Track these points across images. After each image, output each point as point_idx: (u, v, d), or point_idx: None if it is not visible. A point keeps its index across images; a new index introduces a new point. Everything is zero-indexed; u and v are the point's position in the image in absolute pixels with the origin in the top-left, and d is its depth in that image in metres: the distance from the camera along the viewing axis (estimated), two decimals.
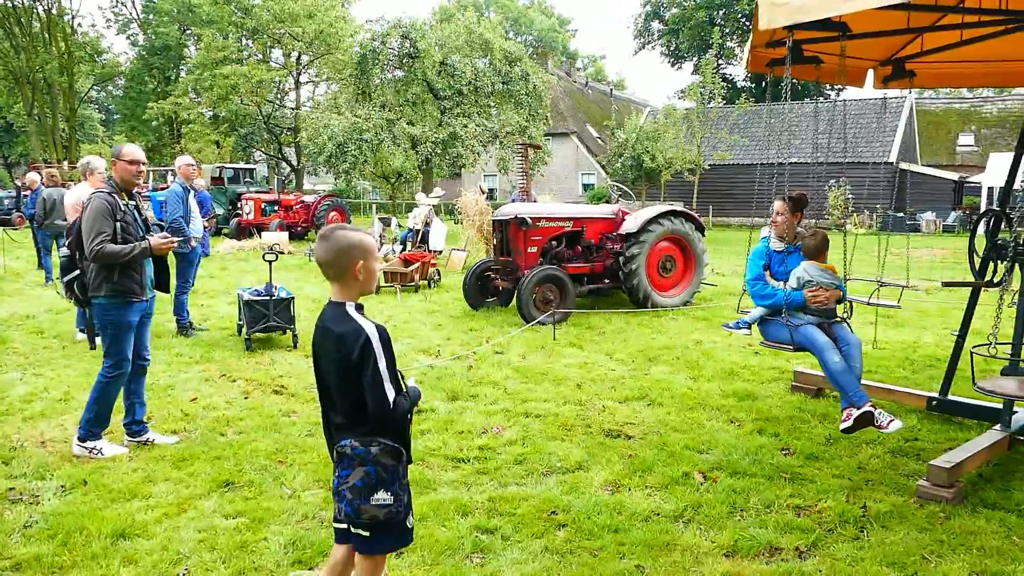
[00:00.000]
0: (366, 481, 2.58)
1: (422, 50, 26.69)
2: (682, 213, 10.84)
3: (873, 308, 6.99)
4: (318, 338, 2.70)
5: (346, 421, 2.64)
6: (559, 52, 68.46)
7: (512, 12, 71.79)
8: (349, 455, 2.61)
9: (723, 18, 51.73)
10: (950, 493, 4.08)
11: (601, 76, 74.65)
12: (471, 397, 6.20)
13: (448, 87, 28.02)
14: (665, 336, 8.66)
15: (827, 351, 4.71)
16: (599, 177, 42.74)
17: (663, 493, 4.29)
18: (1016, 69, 6.37)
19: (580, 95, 50.61)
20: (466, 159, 28.19)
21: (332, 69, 36.40)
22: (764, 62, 5.66)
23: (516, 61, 28.88)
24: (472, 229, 15.54)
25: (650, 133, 32.89)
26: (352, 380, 2.57)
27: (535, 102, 29.51)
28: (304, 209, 23.60)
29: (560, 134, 43.59)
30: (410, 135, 26.84)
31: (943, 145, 41.90)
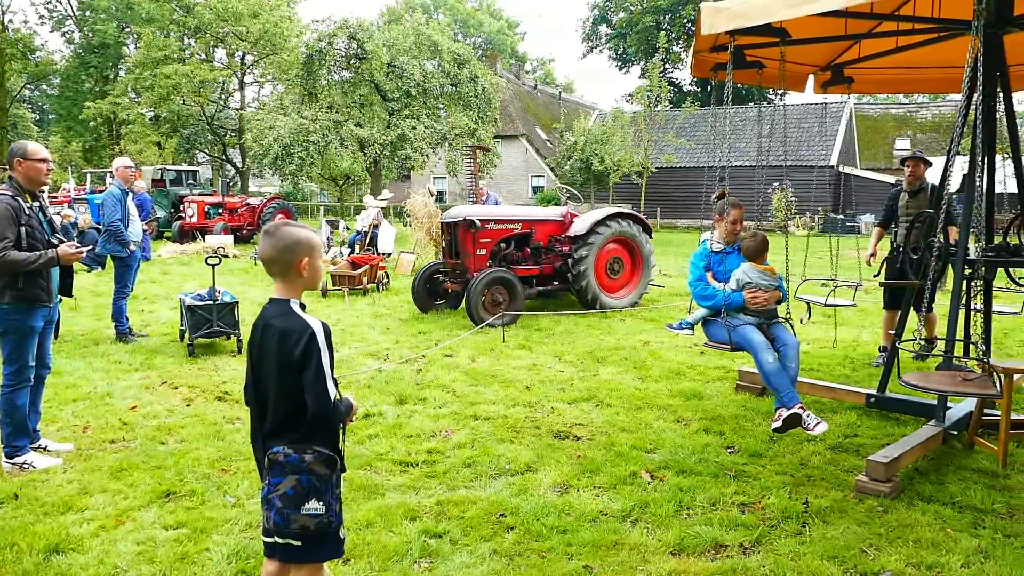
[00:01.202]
0: (298, 490, 2.50)
1: (369, 51, 26.47)
2: (629, 215, 10.95)
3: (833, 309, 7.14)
4: (257, 336, 2.61)
5: (279, 427, 2.56)
6: (508, 55, 68.60)
7: (461, 14, 71.71)
8: (281, 462, 2.51)
9: (669, 23, 52.52)
10: (887, 487, 4.19)
11: (550, 79, 75.03)
12: (420, 401, 6.16)
13: (396, 89, 27.85)
14: (613, 337, 8.73)
15: (762, 351, 4.81)
16: (548, 179, 42.94)
17: (611, 493, 4.31)
18: (948, 76, 6.60)
19: (529, 98, 50.78)
20: (415, 161, 28.04)
21: (278, 70, 35.82)
22: (708, 67, 5.76)
23: (465, 63, 28.85)
24: (421, 232, 15.46)
25: (598, 136, 33.20)
26: (292, 379, 2.50)
27: (484, 104, 29.52)
28: (249, 212, 23.19)
29: (509, 136, 43.67)
30: (358, 137, 26.59)
31: (881, 149, 43.18)
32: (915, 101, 46.81)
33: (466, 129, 28.28)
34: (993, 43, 4.88)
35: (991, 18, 4.69)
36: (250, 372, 2.64)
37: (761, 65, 5.63)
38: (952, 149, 5.13)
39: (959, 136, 4.97)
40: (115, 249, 8.24)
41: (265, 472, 2.57)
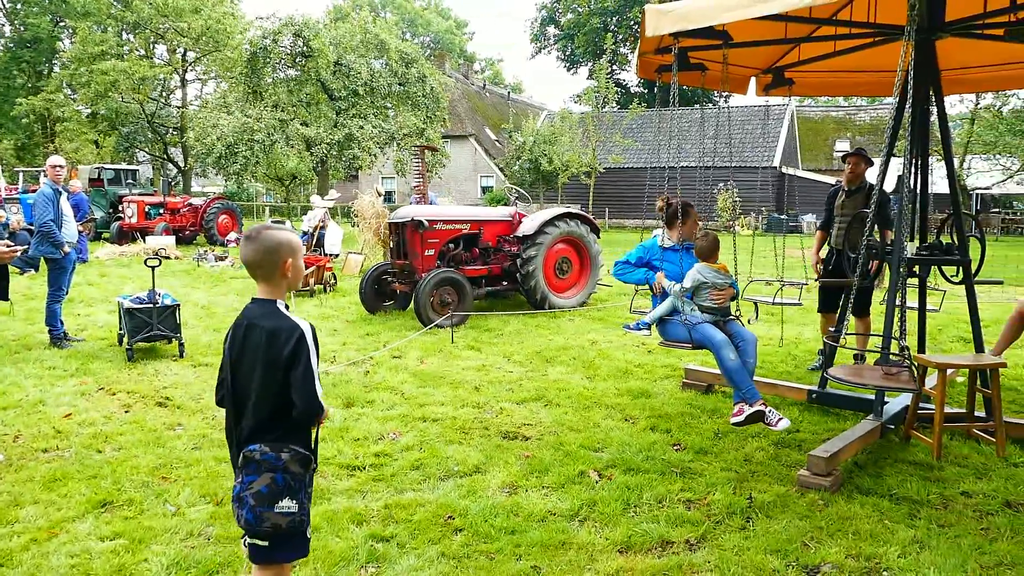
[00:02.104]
0: (272, 488, 2.48)
1: (315, 49, 26.09)
2: (577, 215, 11.02)
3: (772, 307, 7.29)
4: (241, 336, 2.59)
5: (259, 425, 2.55)
6: (456, 54, 68.47)
7: (408, 13, 71.32)
8: (257, 460, 2.50)
9: (616, 25, 53.05)
10: (828, 481, 4.28)
11: (499, 79, 75.11)
12: (367, 403, 6.09)
13: (343, 88, 27.51)
14: (562, 337, 8.76)
15: (723, 348, 4.88)
16: (498, 180, 42.98)
17: (559, 493, 4.32)
18: (884, 79, 6.78)
19: (478, 98, 50.75)
20: (362, 161, 27.74)
21: (221, 67, 35.03)
22: (653, 68, 5.81)
23: (413, 62, 28.65)
24: (369, 232, 15.31)
25: (547, 136, 33.36)
26: (278, 377, 2.51)
27: (432, 104, 29.36)
28: (192, 212, 22.69)
29: (458, 136, 43.59)
30: (304, 136, 26.19)
31: (821, 151, 44.30)
32: (854, 104, 48.14)
33: (414, 129, 28.09)
34: (925, 48, 5.03)
35: (923, 24, 4.83)
36: (228, 371, 2.62)
37: (704, 67, 5.71)
38: (888, 151, 5.28)
39: (893, 138, 5.11)
40: (48, 251, 7.96)
41: (239, 470, 2.54)
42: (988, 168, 31.06)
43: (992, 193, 35.90)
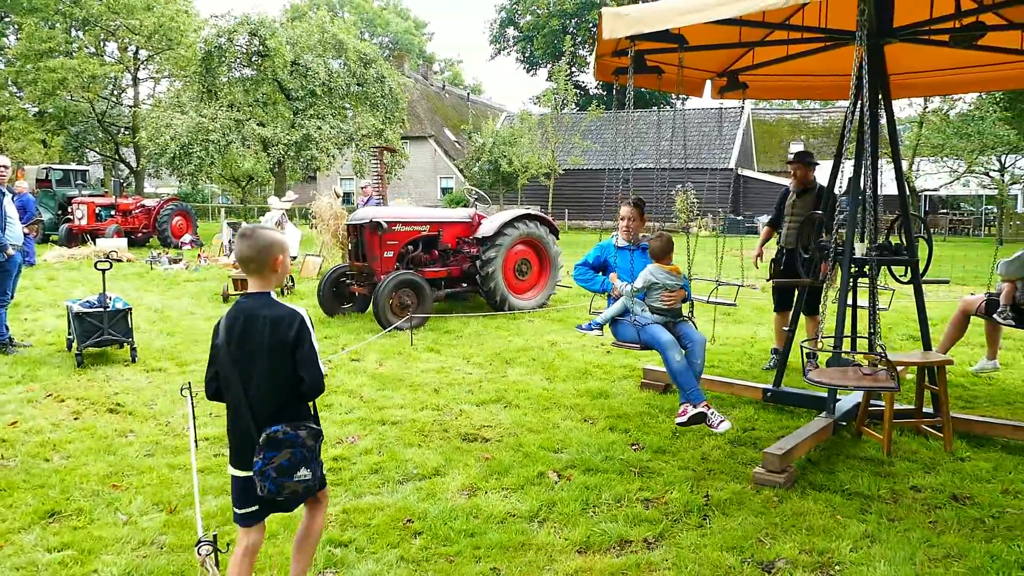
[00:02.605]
0: (292, 461, 2.78)
1: (272, 48, 25.74)
2: (536, 217, 11.05)
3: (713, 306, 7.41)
4: (240, 327, 2.82)
5: (276, 407, 2.82)
6: (415, 55, 68.20)
7: (367, 13, 70.83)
8: (280, 439, 2.76)
9: (575, 27, 53.33)
10: (782, 478, 4.35)
11: (458, 80, 75.01)
12: (325, 407, 6.02)
13: (301, 88, 27.20)
14: (522, 338, 8.78)
15: (670, 349, 4.93)
16: (457, 181, 42.91)
17: (519, 494, 4.32)
18: (835, 83, 6.92)
19: (437, 99, 50.60)
20: (320, 162, 27.45)
21: (175, 65, 34.35)
22: (610, 70, 5.85)
23: (371, 63, 28.45)
24: (327, 234, 15.17)
25: (507, 138, 33.38)
26: (285, 359, 2.80)
27: (391, 105, 29.18)
28: (144, 214, 22.24)
29: (417, 137, 43.39)
30: (261, 136, 25.84)
31: (776, 153, 45.05)
32: (807, 107, 49.08)
33: (373, 130, 27.90)
34: (875, 53, 5.15)
35: (872, 30, 4.94)
36: (227, 363, 2.82)
37: (661, 70, 5.76)
38: (838, 154, 5.39)
39: (843, 141, 5.21)
40: None
41: (260, 447, 2.75)
42: (936, 170, 31.87)
43: (940, 194, 36.88)
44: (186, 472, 4.53)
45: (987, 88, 12.20)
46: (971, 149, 28.36)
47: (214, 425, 5.51)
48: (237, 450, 2.89)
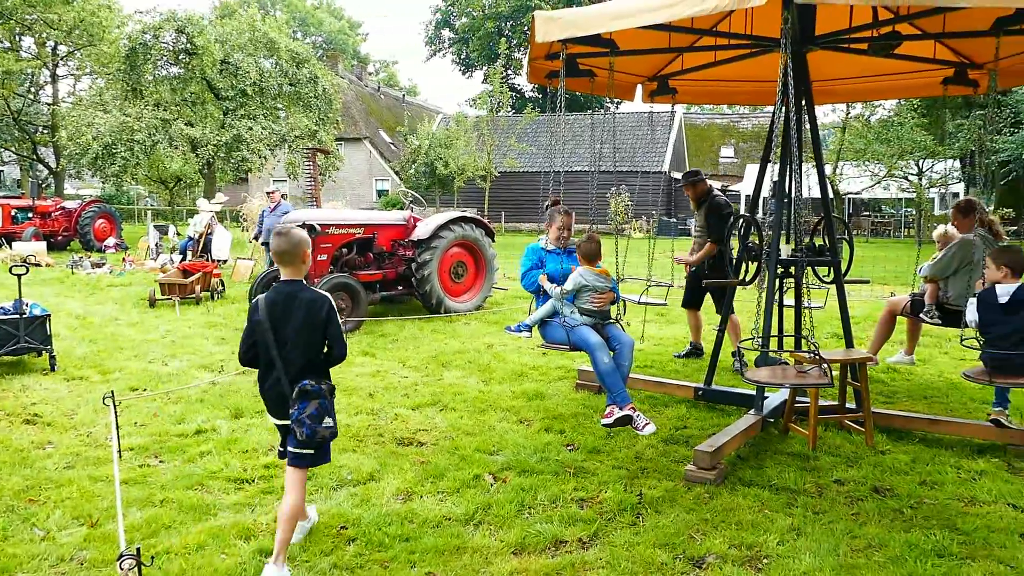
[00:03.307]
0: (320, 410, 3.43)
1: (200, 46, 25.09)
2: (472, 219, 11.04)
3: (644, 306, 7.55)
4: (281, 306, 3.50)
5: (306, 366, 3.50)
6: (350, 55, 67.41)
7: (300, 12, 69.68)
8: (309, 391, 3.42)
9: (511, 30, 53.50)
10: (713, 475, 4.45)
11: (393, 81, 74.46)
12: (257, 413, 5.90)
13: (231, 87, 26.58)
14: (458, 341, 8.76)
15: (598, 351, 4.98)
16: (393, 183, 42.57)
17: (455, 498, 4.31)
18: (761, 89, 7.12)
19: (372, 100, 50.12)
20: (252, 163, 26.88)
21: (96, 62, 33.12)
22: (543, 73, 5.90)
23: (304, 62, 27.99)
24: None
25: (443, 140, 33.30)
26: (317, 334, 3.51)
27: (325, 105, 28.76)
28: (65, 216, 21.39)
29: (352, 139, 42.89)
30: (189, 137, 25.15)
31: (708, 156, 46.05)
32: (737, 112, 50.31)
33: (306, 131, 27.45)
34: (798, 60, 5.31)
35: (795, 37, 5.10)
36: (269, 333, 3.47)
37: (593, 74, 5.84)
38: (764, 158, 5.54)
39: (769, 146, 5.37)
40: None
41: (293, 400, 3.42)
42: (858, 174, 33.03)
43: (863, 197, 38.26)
44: (109, 484, 4.37)
45: (904, 95, 12.72)
46: (891, 154, 29.51)
47: (139, 435, 5.34)
48: (275, 405, 3.60)
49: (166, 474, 4.64)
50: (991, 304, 4.75)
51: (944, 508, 4.15)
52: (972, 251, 5.97)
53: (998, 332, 4.68)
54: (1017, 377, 4.65)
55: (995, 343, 4.66)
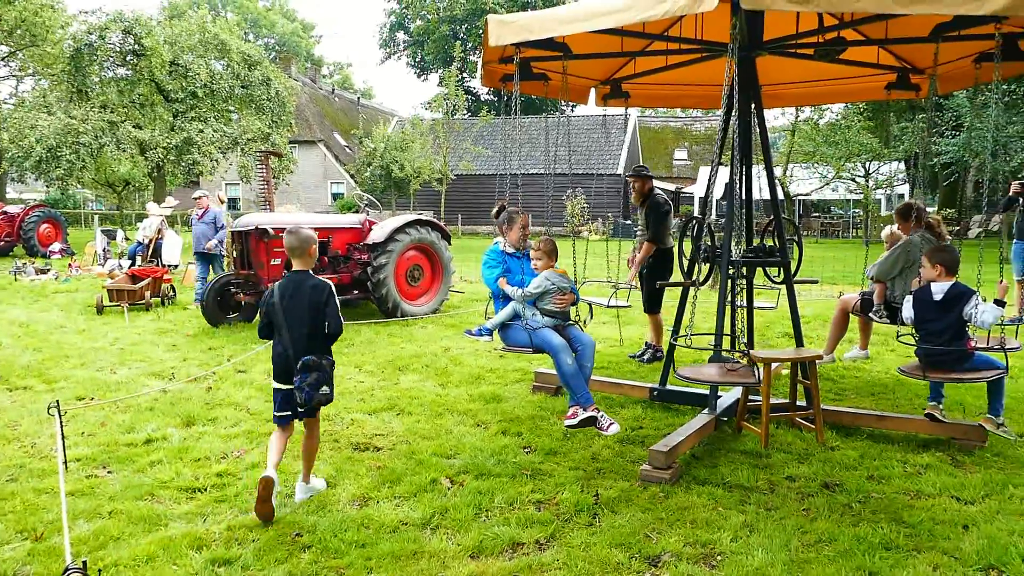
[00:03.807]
0: (319, 379, 4.10)
1: (148, 48, 24.61)
2: (428, 222, 11.00)
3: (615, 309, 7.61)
4: (292, 290, 4.22)
5: (309, 343, 4.18)
6: (303, 58, 66.70)
7: (251, 13, 68.76)
8: (310, 364, 4.09)
9: (465, 33, 53.51)
10: (668, 474, 4.50)
11: (348, 84, 73.89)
12: (209, 421, 5.80)
13: (181, 89, 26.12)
14: (414, 345, 8.72)
15: (561, 353, 5.00)
16: (348, 186, 42.22)
17: (411, 502, 4.29)
18: (712, 93, 7.22)
19: (326, 103, 49.66)
20: (203, 166, 26.44)
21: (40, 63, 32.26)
22: (497, 77, 5.91)
23: (256, 64, 27.64)
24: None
25: (398, 143, 33.15)
26: (318, 314, 4.19)
27: (278, 108, 28.44)
28: (7, 222, 20.79)
29: (306, 142, 42.45)
30: (137, 139, 24.65)
31: (662, 159, 46.61)
32: (690, 115, 51.00)
33: (259, 133, 27.10)
34: (747, 65, 5.41)
35: (744, 42, 5.19)
36: (279, 313, 4.20)
37: (547, 77, 5.87)
38: (715, 161, 5.62)
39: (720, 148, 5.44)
40: None
41: (298, 371, 4.08)
42: (808, 176, 33.75)
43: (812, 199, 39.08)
44: (54, 496, 4.26)
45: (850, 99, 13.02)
46: (839, 156, 30.19)
47: (85, 445, 5.21)
48: (279, 372, 4.26)
49: (114, 485, 4.53)
50: (926, 301, 4.91)
51: (891, 502, 4.26)
52: (914, 252, 6.15)
53: (932, 328, 4.84)
54: (949, 372, 4.82)
55: (929, 339, 4.82)
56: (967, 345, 4.82)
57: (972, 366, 4.83)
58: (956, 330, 4.80)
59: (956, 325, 4.79)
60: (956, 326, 4.79)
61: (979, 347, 4.85)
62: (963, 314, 4.76)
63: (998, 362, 4.79)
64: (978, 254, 4.91)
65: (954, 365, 4.82)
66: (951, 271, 4.90)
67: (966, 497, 4.30)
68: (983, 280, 4.73)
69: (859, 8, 3.88)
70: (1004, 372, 4.78)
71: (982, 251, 4.95)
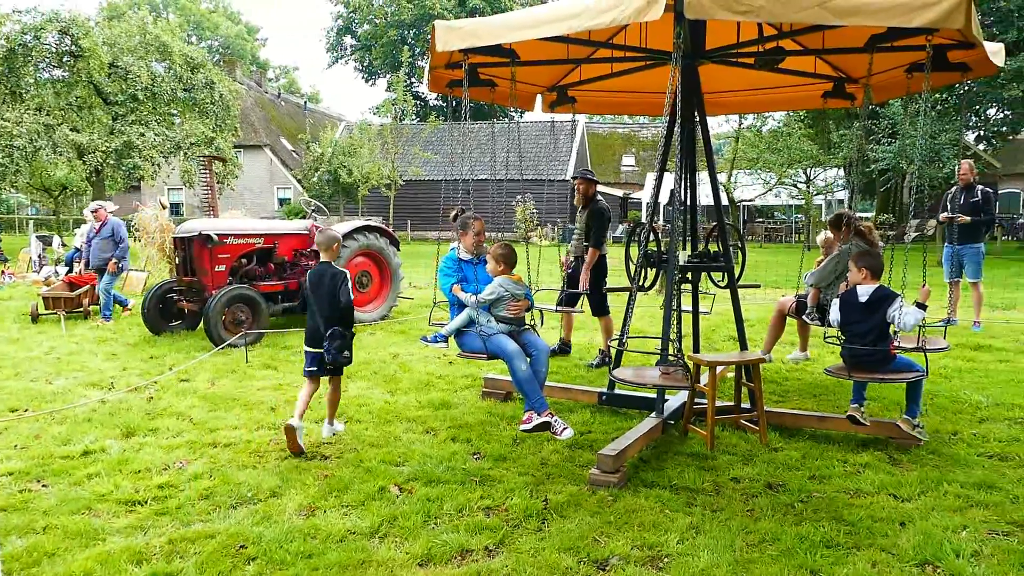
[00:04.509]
0: (340, 345, 5.22)
1: (86, 49, 23.93)
2: (376, 228, 10.92)
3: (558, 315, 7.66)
4: (317, 277, 5.37)
5: (332, 317, 5.27)
6: (248, 61, 65.66)
7: (194, 15, 67.49)
8: (335, 333, 5.21)
9: (414, 38, 53.31)
10: (616, 478, 4.54)
11: (295, 88, 72.98)
12: (150, 432, 5.66)
13: (121, 92, 25.46)
14: (363, 351, 8.63)
15: (516, 359, 5.01)
16: (295, 191, 41.67)
17: (359, 511, 4.24)
18: (656, 100, 7.32)
19: (273, 107, 48.95)
20: (144, 171, 25.81)
21: None
22: (444, 83, 5.90)
23: (199, 67, 27.12)
24: (153, 248, 14.27)
25: (346, 148, 32.85)
26: (335, 294, 5.27)
27: (222, 112, 27.93)
28: None
29: (252, 147, 41.81)
30: (75, 143, 23.94)
31: (610, 165, 47.08)
32: (638, 121, 51.63)
33: (203, 138, 26.57)
34: (690, 73, 5.51)
35: (687, 51, 5.28)
36: (311, 295, 5.37)
37: (494, 83, 5.88)
38: (660, 167, 5.71)
39: (665, 155, 5.53)
40: None
41: (325, 338, 5.20)
42: (751, 182, 34.47)
43: (756, 204, 39.93)
44: None
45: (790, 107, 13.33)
46: (781, 163, 30.92)
47: (19, 459, 5.03)
48: (310, 339, 5.39)
49: (49, 499, 4.38)
50: (852, 304, 5.06)
51: (832, 501, 4.36)
52: (847, 259, 6.34)
53: (857, 330, 5.00)
54: (873, 373, 4.97)
55: (854, 340, 4.97)
56: (890, 347, 4.97)
57: (894, 367, 4.99)
58: (880, 332, 4.95)
59: (880, 327, 4.94)
60: (880, 328, 4.94)
61: (901, 347, 5.01)
62: (887, 316, 4.91)
63: (918, 365, 4.96)
64: (906, 258, 5.07)
65: (877, 366, 4.98)
66: (875, 275, 5.06)
67: (903, 495, 4.43)
68: (907, 284, 4.88)
69: (797, 19, 3.99)
70: (923, 375, 4.94)
71: (907, 255, 5.12)
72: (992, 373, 7.37)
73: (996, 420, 5.87)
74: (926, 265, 5.01)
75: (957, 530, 3.94)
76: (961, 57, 4.89)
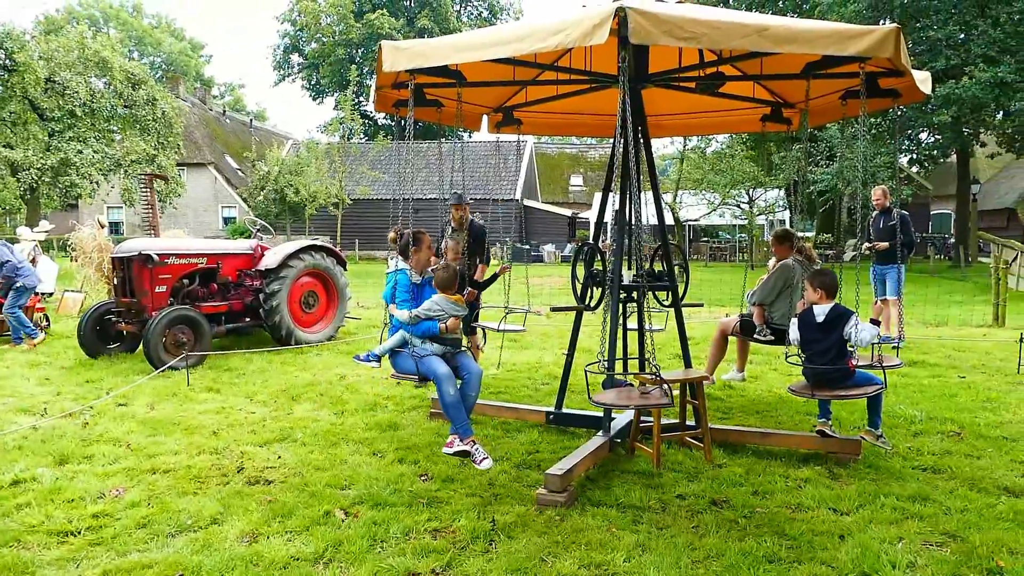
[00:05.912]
0: None
1: (21, 63, 23.29)
2: (323, 247, 10.81)
3: (501, 333, 7.64)
4: None
5: None
6: (192, 78, 64.66)
7: (136, 30, 66.23)
8: None
9: (362, 57, 53.19)
10: (563, 497, 4.54)
11: (240, 106, 72.00)
12: (85, 459, 5.47)
13: (58, 107, 24.81)
14: (309, 373, 8.50)
15: (445, 382, 5.01)
16: (241, 210, 41.01)
17: (304, 536, 4.16)
18: (602, 122, 7.44)
19: (217, 124, 48.20)
20: (82, 189, 25.13)
21: None
22: (391, 102, 5.90)
23: (141, 83, 26.60)
24: (90, 268, 13.86)
25: (292, 166, 32.49)
26: None
27: (165, 129, 27.42)
28: None
29: (196, 164, 41.07)
30: (8, 160, 23.20)
31: (559, 185, 47.54)
32: (586, 142, 52.29)
33: (144, 155, 26.02)
34: (634, 96, 5.61)
35: (632, 74, 5.38)
36: None
37: (440, 104, 5.90)
38: (606, 187, 5.79)
39: (610, 175, 5.61)
40: None
41: None
42: (696, 202, 35.15)
43: (701, 224, 40.70)
44: None
45: (729, 130, 13.68)
46: (724, 183, 31.63)
47: None
48: None
49: None
50: (810, 323, 5.19)
51: (774, 516, 4.44)
52: (791, 275, 6.51)
53: (816, 349, 5.11)
54: (834, 389, 5.10)
55: (814, 359, 5.09)
56: (849, 363, 5.11)
57: (854, 383, 5.12)
58: (838, 349, 5.08)
59: (838, 345, 5.07)
60: (838, 346, 5.07)
61: (860, 364, 5.15)
62: (843, 334, 5.05)
63: (876, 378, 5.11)
64: (855, 277, 5.23)
65: (838, 383, 5.10)
66: (831, 294, 5.20)
67: (842, 508, 4.53)
68: (860, 301, 5.04)
69: (736, 46, 4.10)
70: (883, 388, 5.10)
71: (858, 274, 5.27)
72: (925, 388, 7.61)
73: (929, 434, 6.06)
74: (859, 284, 5.16)
75: (893, 542, 4.05)
76: (892, 84, 5.08)
